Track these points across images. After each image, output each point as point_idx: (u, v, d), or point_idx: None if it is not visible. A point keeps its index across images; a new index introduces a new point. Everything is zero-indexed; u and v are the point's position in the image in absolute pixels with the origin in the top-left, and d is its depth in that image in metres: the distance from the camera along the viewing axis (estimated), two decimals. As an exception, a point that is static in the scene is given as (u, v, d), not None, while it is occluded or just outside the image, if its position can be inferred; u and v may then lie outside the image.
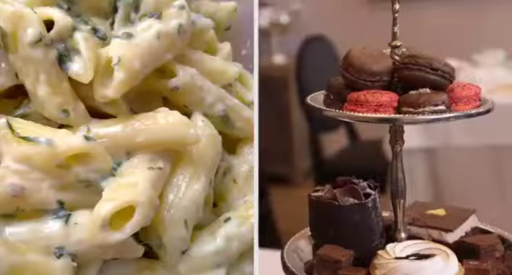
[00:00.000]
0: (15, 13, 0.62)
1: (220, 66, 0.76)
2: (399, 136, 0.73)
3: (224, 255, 0.67)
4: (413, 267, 0.67)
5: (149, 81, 0.69)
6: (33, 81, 0.64)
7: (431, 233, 0.74)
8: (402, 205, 0.74)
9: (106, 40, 0.68)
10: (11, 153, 0.61)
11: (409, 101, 0.68)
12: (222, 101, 0.73)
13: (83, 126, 0.65)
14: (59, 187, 0.62)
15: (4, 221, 0.61)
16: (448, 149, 1.83)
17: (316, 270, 0.71)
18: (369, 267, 0.70)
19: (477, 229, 0.77)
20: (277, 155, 2.98)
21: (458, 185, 1.84)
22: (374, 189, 0.73)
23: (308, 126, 2.42)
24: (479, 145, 1.81)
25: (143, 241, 0.65)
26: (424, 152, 1.84)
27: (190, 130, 0.66)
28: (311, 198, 0.73)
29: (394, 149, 0.74)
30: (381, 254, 0.70)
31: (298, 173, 3.03)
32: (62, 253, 0.61)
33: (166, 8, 0.71)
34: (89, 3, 0.71)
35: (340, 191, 0.72)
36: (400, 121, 0.68)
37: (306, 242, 0.77)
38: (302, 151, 2.94)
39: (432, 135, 1.81)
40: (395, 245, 0.71)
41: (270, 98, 2.90)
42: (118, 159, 0.65)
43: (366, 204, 0.71)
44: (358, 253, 0.71)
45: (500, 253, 0.71)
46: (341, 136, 2.53)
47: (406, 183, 0.74)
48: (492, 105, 0.70)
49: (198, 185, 0.67)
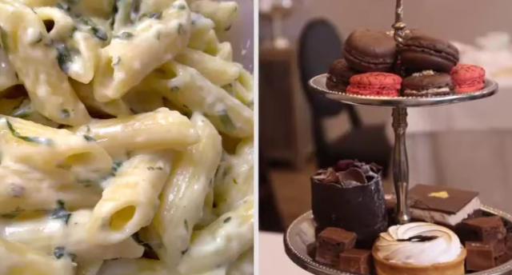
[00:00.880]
0: (15, 13, 0.62)
1: (220, 66, 0.76)
2: (402, 119, 0.73)
3: (224, 255, 0.67)
4: (415, 249, 0.67)
5: (149, 81, 0.69)
6: (33, 81, 0.64)
7: (433, 216, 0.74)
8: (404, 188, 0.74)
9: (105, 40, 0.68)
10: (11, 153, 0.61)
11: (412, 83, 0.67)
12: (222, 101, 0.73)
13: (83, 126, 0.65)
14: (59, 187, 0.62)
15: (4, 221, 0.61)
16: (451, 132, 1.82)
17: (318, 253, 0.71)
18: (371, 249, 0.70)
19: (479, 211, 0.77)
20: (279, 140, 2.96)
21: (460, 169, 1.84)
22: (377, 171, 0.73)
23: (310, 111, 2.41)
24: (482, 128, 1.80)
25: (143, 241, 0.65)
26: (427, 136, 1.84)
27: (190, 130, 0.66)
28: (314, 181, 0.73)
29: (396, 131, 0.74)
30: (383, 236, 0.70)
31: (300, 158, 3.01)
32: (62, 253, 0.61)
33: (166, 8, 0.71)
34: (89, 3, 0.71)
35: (342, 174, 0.72)
36: (403, 103, 0.68)
37: (309, 225, 0.77)
38: (305, 136, 2.92)
39: (435, 119, 1.80)
40: (397, 227, 0.71)
41: (272, 83, 2.89)
42: (118, 159, 0.65)
43: (369, 186, 0.71)
44: (360, 235, 0.71)
45: (502, 235, 0.71)
46: (343, 121, 2.51)
47: (408, 166, 0.74)
48: (496, 87, 0.70)
49: (197, 185, 0.67)
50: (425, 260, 0.66)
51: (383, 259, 0.68)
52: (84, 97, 0.67)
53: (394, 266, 0.67)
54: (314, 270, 0.70)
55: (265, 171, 1.96)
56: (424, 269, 0.66)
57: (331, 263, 0.70)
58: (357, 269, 0.68)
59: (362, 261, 0.68)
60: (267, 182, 1.96)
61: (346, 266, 0.68)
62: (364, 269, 0.69)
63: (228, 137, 0.74)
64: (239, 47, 0.85)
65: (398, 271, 0.67)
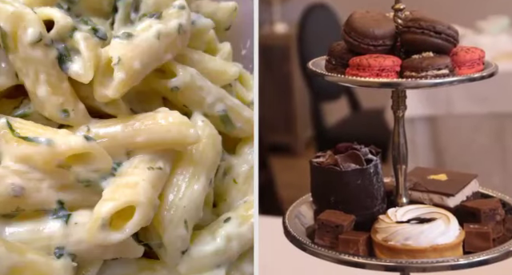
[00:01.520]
0: (15, 13, 0.62)
1: (220, 66, 0.76)
2: (401, 101, 0.73)
3: (224, 255, 0.67)
4: (414, 231, 0.67)
5: (149, 81, 0.69)
6: (33, 81, 0.64)
7: (432, 198, 0.74)
8: (403, 171, 0.74)
9: (105, 40, 0.68)
10: (11, 153, 0.61)
11: (412, 65, 0.67)
12: (222, 101, 0.73)
13: (83, 126, 0.65)
14: (59, 187, 0.62)
15: (4, 221, 0.61)
16: (450, 117, 1.82)
17: (317, 235, 0.71)
18: (370, 231, 0.70)
19: (478, 193, 0.77)
20: (279, 125, 2.95)
21: (459, 153, 1.84)
22: (376, 154, 0.73)
23: (310, 95, 2.40)
24: (482, 112, 1.80)
25: (143, 241, 0.65)
26: (426, 120, 1.84)
27: (190, 130, 0.66)
28: (312, 164, 0.73)
29: (396, 114, 0.73)
30: (382, 218, 0.70)
31: (299, 143, 3.00)
32: (62, 253, 0.61)
33: (166, 8, 0.71)
34: (89, 3, 0.71)
35: (341, 157, 0.72)
36: (403, 85, 0.68)
37: (308, 208, 0.77)
38: (304, 121, 2.91)
39: (434, 103, 1.80)
40: (396, 209, 0.71)
41: (272, 68, 2.87)
42: (118, 159, 0.65)
43: (368, 169, 0.71)
44: (359, 217, 0.71)
45: (501, 216, 0.71)
46: (343, 105, 2.50)
47: (407, 148, 0.74)
48: (496, 69, 0.70)
49: (197, 185, 0.67)
50: (423, 241, 0.67)
51: (382, 241, 0.68)
52: (84, 97, 0.66)
53: (393, 248, 0.67)
54: (313, 252, 0.70)
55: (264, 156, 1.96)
56: (422, 250, 0.66)
57: (330, 245, 0.70)
58: (355, 250, 0.68)
59: (361, 243, 0.69)
60: (267, 167, 1.95)
61: (345, 248, 0.69)
62: (363, 250, 0.69)
63: (228, 137, 0.74)
64: (239, 47, 0.85)
65: (396, 252, 0.67)
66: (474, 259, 0.66)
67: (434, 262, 0.66)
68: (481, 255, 0.67)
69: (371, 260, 0.68)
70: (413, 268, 0.67)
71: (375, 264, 0.67)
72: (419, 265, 0.66)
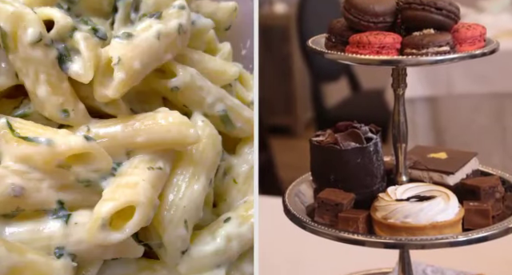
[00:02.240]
0: (15, 13, 0.62)
1: (220, 66, 0.76)
2: (402, 79, 0.72)
3: (224, 255, 0.67)
4: (413, 208, 0.67)
5: (149, 81, 0.69)
6: (33, 81, 0.64)
7: (432, 176, 0.74)
8: (403, 149, 0.74)
9: (105, 40, 0.68)
10: (11, 153, 0.61)
11: (412, 42, 0.66)
12: (222, 101, 0.73)
13: (83, 126, 0.65)
14: (59, 187, 0.62)
15: (4, 221, 0.61)
16: (450, 97, 1.81)
17: (317, 213, 0.71)
18: (370, 209, 0.70)
19: (478, 171, 0.77)
20: (278, 106, 2.94)
21: (459, 134, 1.83)
22: (376, 133, 0.73)
23: (309, 76, 2.39)
24: (482, 92, 1.79)
25: (143, 241, 0.65)
26: (426, 101, 1.83)
27: (190, 130, 0.66)
28: (312, 143, 0.73)
29: (396, 92, 0.73)
30: (382, 197, 0.70)
31: (299, 124, 2.98)
32: (62, 253, 0.61)
33: (166, 8, 0.71)
34: (89, 3, 0.71)
35: (341, 135, 0.72)
36: (403, 62, 0.67)
37: (307, 186, 0.77)
38: (304, 102, 2.89)
39: (434, 83, 1.80)
40: (396, 187, 0.71)
41: (271, 49, 2.86)
42: (118, 159, 0.65)
43: (368, 148, 0.71)
44: (358, 196, 0.71)
45: (500, 194, 0.72)
46: (343, 86, 2.49)
47: (407, 127, 0.74)
48: (497, 46, 0.69)
49: (197, 185, 0.67)
50: (423, 219, 0.67)
51: (381, 219, 0.68)
52: (84, 97, 0.66)
53: (393, 225, 0.67)
54: (313, 230, 0.70)
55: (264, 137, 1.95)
56: (422, 227, 0.67)
57: (330, 223, 0.70)
58: (355, 228, 0.69)
59: (361, 221, 0.69)
60: (267, 149, 1.95)
61: (345, 226, 0.69)
62: (362, 228, 0.69)
63: (228, 137, 0.74)
64: (239, 47, 0.85)
65: (396, 230, 0.67)
66: (473, 236, 0.66)
67: (433, 239, 0.66)
68: (480, 232, 0.67)
69: (371, 237, 0.68)
70: (412, 245, 0.67)
71: (375, 241, 0.68)
72: (418, 242, 0.66)
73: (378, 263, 0.86)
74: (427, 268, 0.84)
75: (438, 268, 0.84)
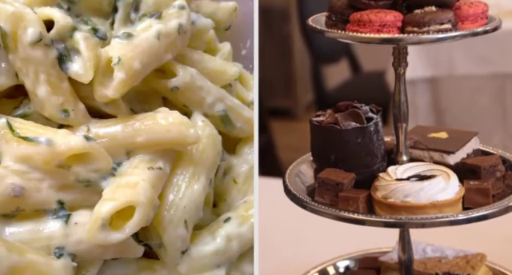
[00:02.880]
0: (15, 13, 0.62)
1: (220, 66, 0.76)
2: (403, 58, 0.72)
3: (224, 255, 0.67)
4: (414, 188, 0.67)
5: (149, 81, 0.69)
6: (33, 81, 0.64)
7: (433, 156, 0.74)
8: (403, 129, 0.74)
9: (105, 40, 0.68)
10: (11, 153, 0.61)
11: (414, 20, 0.66)
12: (222, 101, 0.73)
13: (83, 126, 0.65)
14: (59, 187, 0.62)
15: (4, 221, 0.61)
16: (451, 78, 1.81)
17: (317, 193, 0.71)
18: (370, 189, 0.70)
19: (478, 151, 0.77)
20: (279, 88, 2.92)
21: (460, 115, 1.82)
22: (376, 113, 0.72)
23: (310, 58, 2.38)
24: (483, 73, 1.78)
25: (143, 241, 0.65)
26: (427, 82, 1.82)
27: (190, 130, 0.66)
28: (312, 123, 0.73)
29: (397, 71, 0.73)
30: (382, 176, 0.70)
31: (299, 106, 2.97)
32: (62, 253, 0.61)
33: (166, 8, 0.71)
34: (89, 3, 0.71)
35: (342, 115, 0.71)
36: (404, 41, 0.67)
37: (308, 167, 0.77)
38: (304, 84, 2.88)
39: (435, 64, 1.79)
40: (396, 167, 0.71)
41: (271, 30, 2.84)
42: (117, 159, 0.65)
43: (368, 127, 0.71)
44: (359, 175, 0.71)
45: (501, 173, 0.72)
46: (343, 68, 2.48)
47: (408, 107, 0.73)
48: (499, 23, 0.69)
49: (197, 185, 0.67)
50: (423, 198, 0.67)
51: (382, 198, 0.68)
52: (84, 97, 0.66)
53: (393, 205, 0.67)
54: (313, 209, 0.70)
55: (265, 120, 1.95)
56: (422, 206, 0.67)
57: (330, 203, 0.70)
58: (355, 207, 0.69)
59: (361, 200, 0.69)
60: (267, 131, 1.95)
61: (345, 205, 0.69)
62: (363, 207, 0.69)
63: (228, 137, 0.74)
64: (239, 47, 0.85)
65: (396, 209, 0.67)
66: (473, 214, 0.66)
67: (433, 218, 0.66)
68: (480, 210, 0.67)
69: (371, 216, 0.68)
70: (412, 224, 0.67)
71: (375, 220, 0.68)
72: (418, 221, 0.66)
73: (378, 243, 0.87)
74: (427, 247, 0.84)
75: (438, 247, 0.84)
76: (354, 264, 0.87)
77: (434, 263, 0.81)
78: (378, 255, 0.85)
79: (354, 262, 0.87)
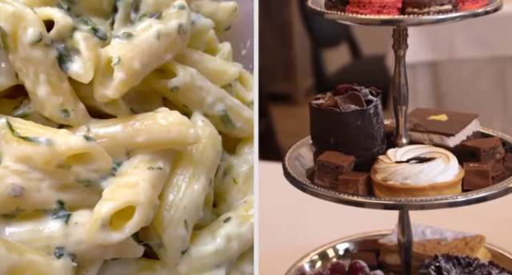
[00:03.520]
0: (15, 13, 0.62)
1: (220, 66, 0.76)
2: (403, 40, 0.72)
3: (224, 255, 0.67)
4: (413, 170, 0.67)
5: (149, 81, 0.69)
6: (33, 81, 0.64)
7: (432, 138, 0.74)
8: (403, 112, 0.74)
9: (105, 40, 0.68)
10: (11, 153, 0.61)
11: (414, 1, 0.65)
12: (222, 101, 0.73)
13: (83, 126, 0.65)
14: (59, 187, 0.62)
15: (4, 221, 0.61)
16: (452, 62, 1.80)
17: (317, 176, 0.71)
18: (370, 172, 0.70)
19: (478, 133, 0.77)
20: (279, 73, 2.92)
21: (461, 98, 1.82)
22: (376, 95, 0.72)
23: (310, 42, 2.37)
24: (483, 57, 1.78)
25: (143, 241, 0.65)
26: (427, 65, 1.81)
27: (190, 130, 0.66)
28: (312, 106, 0.72)
29: (397, 53, 0.72)
30: (382, 159, 0.70)
31: (299, 91, 2.97)
32: (62, 253, 0.61)
33: (166, 8, 0.71)
34: (89, 3, 0.71)
35: (341, 98, 0.71)
36: (404, 22, 0.66)
37: (307, 150, 0.77)
38: (304, 69, 2.87)
39: (436, 48, 1.78)
40: (396, 150, 0.71)
41: (271, 15, 2.83)
42: (118, 159, 0.65)
43: (368, 110, 0.71)
44: (358, 158, 0.71)
45: (501, 155, 0.72)
46: (343, 52, 2.48)
47: (408, 89, 0.73)
48: (500, 4, 0.68)
49: (197, 185, 0.67)
50: (422, 180, 0.67)
51: (381, 180, 0.68)
52: (84, 97, 0.66)
53: (392, 187, 0.67)
54: (313, 192, 0.70)
55: (265, 105, 1.94)
56: (421, 188, 0.67)
57: (330, 185, 0.70)
58: (355, 190, 0.69)
59: (361, 183, 0.69)
60: (267, 116, 1.94)
61: (345, 188, 0.69)
62: (362, 190, 0.69)
63: (228, 137, 0.74)
64: (239, 47, 0.85)
65: (395, 191, 0.67)
66: (473, 196, 0.66)
67: (433, 200, 0.66)
68: (479, 192, 0.67)
69: (370, 199, 0.68)
70: (411, 206, 0.67)
71: (374, 202, 0.68)
72: (418, 203, 0.66)
73: (378, 226, 0.87)
74: (426, 229, 0.85)
75: (437, 229, 0.84)
76: (353, 246, 0.88)
77: (433, 245, 0.82)
78: (378, 238, 0.85)
79: (354, 245, 0.88)
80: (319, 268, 0.83)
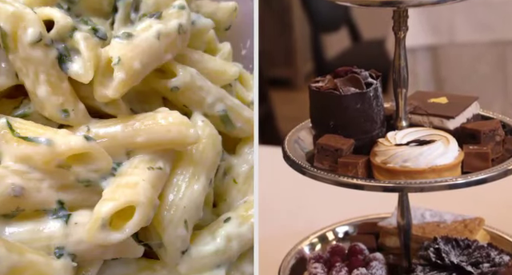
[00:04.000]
0: (15, 13, 0.62)
1: (220, 66, 0.76)
2: (403, 22, 0.71)
3: (224, 255, 0.67)
4: (413, 152, 0.67)
5: (149, 81, 0.69)
6: (33, 81, 0.64)
7: (432, 121, 0.74)
8: (403, 94, 0.73)
9: (105, 40, 0.68)
10: (11, 153, 0.61)
11: None
12: (222, 101, 0.73)
13: (83, 126, 0.65)
14: (59, 187, 0.62)
15: (4, 221, 0.61)
16: (452, 46, 1.79)
17: (316, 159, 0.71)
18: (369, 155, 0.70)
19: (478, 115, 0.77)
20: (278, 58, 2.91)
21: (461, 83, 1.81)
22: (376, 78, 0.72)
23: (309, 27, 2.36)
24: (484, 41, 1.77)
25: (143, 241, 0.65)
26: (428, 50, 1.80)
27: (190, 130, 0.66)
28: (311, 89, 0.72)
29: (397, 35, 0.72)
30: (381, 142, 0.70)
31: (299, 76, 2.96)
32: (62, 253, 0.61)
33: (166, 8, 0.71)
34: (89, 3, 0.71)
35: (341, 81, 0.71)
36: (404, 3, 0.66)
37: (307, 133, 0.77)
38: (304, 54, 2.86)
39: (436, 32, 1.77)
40: (396, 132, 0.71)
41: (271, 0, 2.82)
42: (118, 159, 0.65)
43: (367, 93, 0.70)
44: (358, 141, 0.71)
45: (501, 137, 0.72)
46: (343, 36, 2.47)
47: (408, 72, 0.73)
48: None
49: (197, 185, 0.67)
50: (422, 163, 0.67)
51: (381, 163, 0.68)
52: (84, 97, 0.66)
53: (392, 170, 0.67)
54: (312, 175, 0.70)
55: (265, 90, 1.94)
56: (421, 171, 0.67)
57: (329, 168, 0.70)
58: (354, 173, 0.69)
59: (360, 166, 0.69)
60: (267, 101, 1.94)
61: (344, 171, 0.69)
62: (362, 173, 0.69)
63: (228, 137, 0.74)
64: (239, 47, 0.85)
65: (395, 174, 0.67)
66: (472, 178, 0.66)
67: (432, 182, 0.66)
68: (479, 174, 0.67)
69: (370, 181, 0.68)
70: (411, 188, 0.67)
71: (374, 185, 0.68)
72: (417, 185, 0.66)
73: (377, 209, 0.87)
74: (426, 212, 0.85)
75: (437, 212, 0.85)
76: (352, 229, 0.88)
77: (432, 227, 0.82)
78: (377, 221, 0.85)
79: (353, 228, 0.88)
80: (319, 250, 0.83)
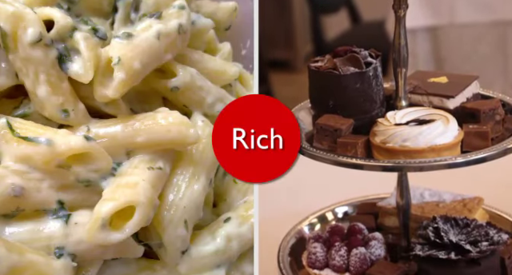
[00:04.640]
0: (15, 13, 0.62)
1: (220, 66, 0.76)
2: None
3: (224, 255, 0.67)
4: (412, 132, 0.67)
5: (149, 81, 0.69)
6: (33, 81, 0.64)
7: (432, 100, 0.74)
8: (403, 74, 0.73)
9: (105, 40, 0.68)
10: (11, 153, 0.61)
11: None
12: (222, 101, 0.73)
13: (83, 126, 0.65)
14: (59, 187, 0.62)
15: (4, 221, 0.61)
16: (452, 26, 1.79)
17: (316, 139, 0.70)
18: (369, 135, 0.70)
19: (478, 95, 0.77)
20: (278, 40, 2.91)
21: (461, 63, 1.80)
22: (376, 57, 0.72)
23: (309, 9, 2.36)
24: (485, 21, 1.76)
25: (143, 241, 0.65)
26: (428, 31, 1.80)
27: (190, 130, 0.66)
28: (311, 69, 0.72)
29: (397, 14, 0.72)
30: (381, 121, 0.70)
31: (299, 58, 2.96)
32: (62, 253, 0.61)
33: (166, 8, 0.71)
34: (89, 3, 0.71)
35: (340, 60, 0.71)
36: None
37: (306, 113, 0.77)
38: (304, 35, 2.86)
39: (436, 13, 1.77)
40: (395, 112, 0.71)
41: None
42: (118, 159, 0.65)
43: (367, 72, 0.70)
44: (357, 121, 0.71)
45: (501, 116, 0.71)
46: (342, 18, 2.47)
47: (408, 51, 0.73)
48: None
49: (197, 185, 0.67)
50: (421, 142, 0.67)
51: (380, 143, 0.68)
52: (84, 97, 0.67)
53: (391, 149, 0.67)
54: (312, 155, 0.70)
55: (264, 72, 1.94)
56: (420, 150, 0.67)
57: (329, 148, 0.69)
58: (354, 153, 0.68)
59: (359, 146, 0.68)
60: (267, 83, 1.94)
61: (344, 151, 0.69)
62: (361, 152, 0.69)
63: (228, 137, 0.74)
64: (239, 47, 0.85)
65: (394, 154, 0.67)
66: (472, 157, 0.66)
67: (432, 161, 0.66)
68: (478, 153, 0.66)
69: (369, 161, 0.68)
70: (410, 167, 0.67)
71: (373, 164, 0.68)
72: (417, 165, 0.66)
73: (377, 189, 0.87)
74: (425, 191, 0.85)
75: (436, 191, 0.85)
76: (352, 210, 0.88)
77: (431, 207, 0.82)
78: (376, 201, 0.85)
79: (353, 208, 0.88)
80: (318, 230, 0.84)
